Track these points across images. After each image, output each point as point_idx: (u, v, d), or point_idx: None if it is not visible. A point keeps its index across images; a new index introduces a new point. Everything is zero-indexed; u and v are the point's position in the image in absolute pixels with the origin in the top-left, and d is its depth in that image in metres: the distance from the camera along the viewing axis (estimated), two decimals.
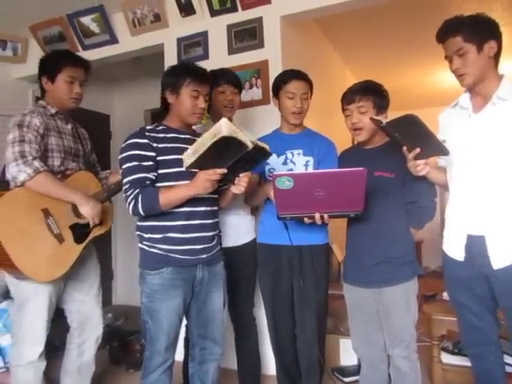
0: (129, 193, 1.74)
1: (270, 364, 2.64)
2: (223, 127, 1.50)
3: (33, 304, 1.99)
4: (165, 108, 1.91)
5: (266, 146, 1.70)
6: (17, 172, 1.87)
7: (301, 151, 2.14)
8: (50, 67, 2.10)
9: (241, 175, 1.75)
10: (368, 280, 1.90)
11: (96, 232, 2.12)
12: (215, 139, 1.50)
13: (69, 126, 2.20)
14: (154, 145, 1.78)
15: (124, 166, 1.78)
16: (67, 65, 2.10)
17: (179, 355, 2.15)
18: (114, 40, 3.36)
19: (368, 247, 1.91)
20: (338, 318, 2.86)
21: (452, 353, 2.48)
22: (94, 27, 3.34)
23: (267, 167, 2.18)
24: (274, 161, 2.15)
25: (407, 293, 1.88)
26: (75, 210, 2.03)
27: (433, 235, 4.68)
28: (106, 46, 3.42)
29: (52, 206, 1.97)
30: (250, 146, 1.60)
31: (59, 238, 1.97)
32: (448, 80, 5.51)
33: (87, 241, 2.08)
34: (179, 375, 2.33)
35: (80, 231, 2.04)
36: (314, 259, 2.10)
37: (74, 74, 2.12)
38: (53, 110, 2.10)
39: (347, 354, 2.68)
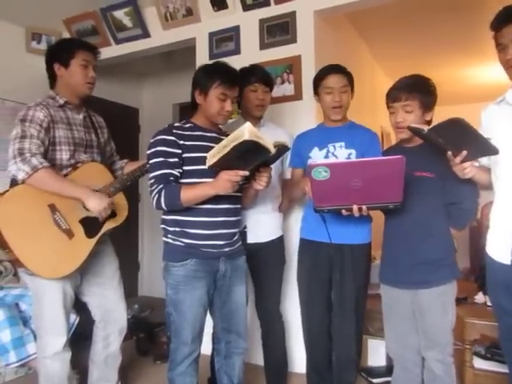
0: (153, 187, 1.78)
1: (297, 361, 2.63)
2: (245, 132, 1.51)
3: (49, 297, 2.00)
4: (194, 105, 1.93)
5: (286, 143, 1.72)
6: (16, 170, 1.85)
7: (343, 144, 2.11)
8: (62, 53, 2.06)
9: (261, 170, 1.76)
10: (405, 281, 1.86)
11: (110, 225, 2.09)
12: (236, 143, 1.52)
13: (80, 116, 2.15)
14: (181, 142, 1.80)
15: (151, 162, 1.82)
16: (80, 49, 2.08)
17: (207, 349, 2.17)
18: (146, 34, 3.38)
19: (406, 248, 1.86)
20: (366, 318, 2.82)
21: (484, 358, 2.42)
22: (127, 21, 3.36)
23: (309, 161, 2.15)
24: (315, 154, 2.14)
25: (444, 296, 1.83)
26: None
27: (464, 235, 4.60)
28: (138, 40, 3.44)
29: (59, 201, 1.94)
30: (273, 150, 1.62)
31: (69, 233, 1.95)
32: (480, 77, 5.41)
33: (100, 234, 2.05)
34: (206, 368, 2.33)
35: (91, 225, 2.00)
36: (354, 259, 2.07)
37: (87, 57, 2.09)
38: (61, 101, 2.06)
39: (375, 354, 2.65)
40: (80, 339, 2.40)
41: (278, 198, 2.39)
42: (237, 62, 1.97)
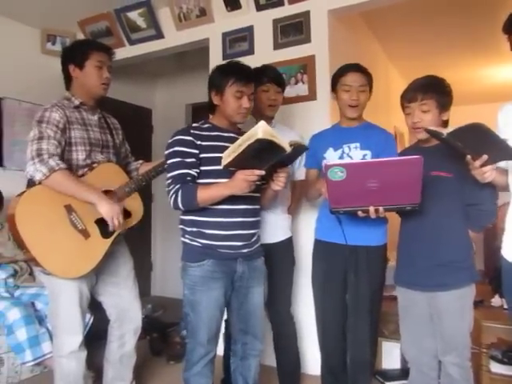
0: (170, 187, 1.79)
1: (310, 363, 2.62)
2: (259, 131, 1.50)
3: (65, 297, 2.01)
4: (211, 106, 1.93)
5: (303, 142, 1.71)
6: (33, 171, 1.87)
7: (358, 145, 2.09)
8: (77, 54, 2.07)
9: (279, 170, 1.75)
10: (422, 283, 1.83)
11: (125, 225, 2.09)
12: (250, 141, 1.51)
13: (95, 117, 2.17)
14: (198, 142, 1.80)
15: (168, 162, 1.83)
16: (94, 50, 2.09)
17: (219, 350, 2.16)
18: (159, 35, 3.39)
19: (423, 249, 1.83)
20: (381, 320, 2.80)
21: (501, 362, 2.37)
22: (141, 22, 3.37)
23: (324, 161, 2.13)
24: (330, 155, 2.12)
25: (463, 299, 1.80)
26: None
27: (478, 237, 4.53)
28: (151, 40, 3.45)
29: (75, 201, 1.95)
30: (289, 149, 1.60)
31: (84, 234, 1.96)
32: (496, 76, 5.35)
33: (115, 235, 2.04)
34: (219, 369, 2.33)
35: (107, 225, 1.99)
36: (370, 261, 2.05)
37: (102, 58, 2.10)
38: (77, 102, 2.07)
39: (390, 357, 2.62)
40: (94, 338, 2.42)
41: (287, 199, 2.38)
42: (250, 63, 1.96)
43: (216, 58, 3.11)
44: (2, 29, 3.48)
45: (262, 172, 1.65)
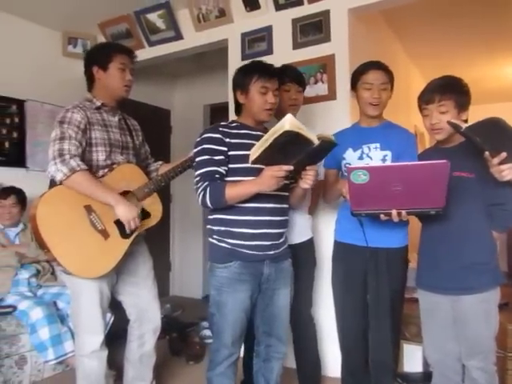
0: (199, 185, 1.79)
1: (330, 365, 2.60)
2: (286, 123, 1.48)
3: (86, 296, 2.03)
4: (237, 107, 1.95)
5: (332, 137, 1.66)
6: (55, 171, 1.89)
7: (378, 145, 2.05)
8: (101, 56, 2.10)
9: (307, 168, 1.73)
10: (445, 286, 1.80)
11: (144, 226, 2.10)
12: (277, 134, 1.50)
13: (116, 118, 2.19)
14: (227, 140, 1.80)
15: (197, 159, 1.83)
16: (118, 53, 2.11)
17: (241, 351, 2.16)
18: (179, 36, 3.40)
19: (446, 252, 1.80)
20: (403, 323, 2.76)
21: None
22: (160, 23, 3.39)
23: (343, 162, 2.12)
24: (349, 155, 2.10)
25: (487, 302, 1.76)
26: None
27: (500, 238, 4.44)
28: (170, 42, 3.46)
29: (95, 202, 1.96)
30: (316, 142, 1.57)
31: (104, 234, 1.97)
32: None
33: (134, 235, 2.06)
34: (239, 371, 2.32)
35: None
36: (390, 263, 2.02)
37: (125, 61, 2.13)
38: (98, 103, 2.10)
39: (411, 360, 2.58)
40: (115, 337, 2.44)
41: (308, 199, 2.36)
42: (269, 62, 1.96)
43: (235, 59, 3.11)
44: (24, 32, 3.54)
45: (290, 167, 1.63)
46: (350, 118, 2.63)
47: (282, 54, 2.93)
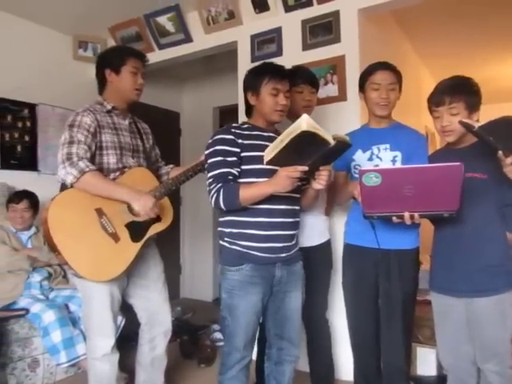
0: (212, 187, 1.77)
1: (343, 368, 2.57)
2: (303, 123, 1.47)
3: (97, 300, 2.03)
4: (248, 108, 1.94)
5: (347, 138, 1.65)
6: (64, 174, 1.89)
7: (388, 146, 2.04)
8: (114, 60, 2.11)
9: (321, 168, 1.71)
10: (459, 289, 1.77)
11: (155, 229, 2.10)
12: (294, 134, 1.49)
13: (126, 122, 2.19)
14: (239, 141, 1.80)
15: (209, 161, 1.82)
16: (130, 56, 2.12)
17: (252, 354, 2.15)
18: (188, 39, 3.41)
19: (460, 254, 1.77)
20: (415, 325, 2.73)
21: None
22: (170, 26, 3.40)
23: (352, 163, 2.11)
24: (359, 157, 2.08)
25: (502, 304, 1.73)
26: (131, 207, 2.01)
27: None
28: (180, 44, 3.47)
29: (106, 205, 1.96)
30: (332, 142, 1.56)
31: (114, 237, 1.97)
32: None
33: (145, 239, 2.05)
34: (252, 374, 2.31)
35: (137, 229, 2.01)
36: (402, 264, 2.00)
37: (137, 64, 2.13)
38: (109, 106, 2.10)
39: (425, 363, 2.55)
40: (125, 340, 2.44)
41: (324, 201, 2.34)
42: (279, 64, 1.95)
43: (244, 61, 3.10)
44: (35, 36, 3.57)
45: (305, 168, 1.62)
46: (360, 119, 2.61)
47: (292, 55, 2.93)
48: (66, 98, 3.59)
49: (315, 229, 2.25)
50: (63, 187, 1.98)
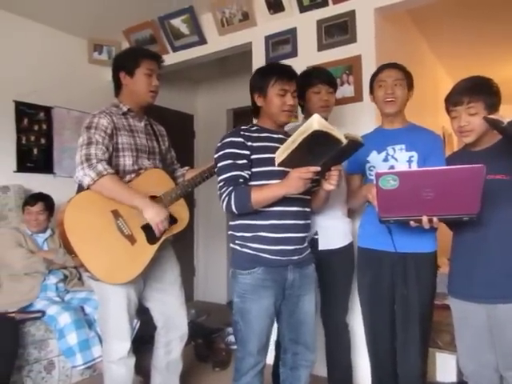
0: (223, 190, 1.75)
1: (361, 374, 2.53)
2: (314, 123, 1.44)
3: (114, 302, 2.02)
4: (255, 110, 1.91)
5: (359, 137, 1.61)
6: (82, 176, 1.89)
7: (403, 146, 2.00)
8: (128, 62, 2.10)
9: (332, 169, 1.68)
10: (480, 295, 1.72)
11: (171, 231, 2.08)
12: (306, 134, 1.46)
13: (142, 124, 2.18)
14: (249, 143, 1.77)
15: (219, 164, 1.79)
16: (145, 58, 2.10)
17: (269, 358, 2.11)
18: (202, 41, 3.40)
19: (481, 258, 1.72)
20: (435, 331, 2.67)
21: None
22: (184, 28, 3.40)
23: (367, 165, 2.07)
24: (374, 158, 2.04)
25: None
26: None
27: None
28: (194, 46, 3.47)
29: (122, 207, 1.95)
30: (344, 141, 1.53)
31: (131, 239, 1.95)
32: None
33: (161, 241, 2.03)
34: (269, 378, 2.28)
35: (153, 231, 1.99)
36: (419, 269, 1.95)
37: (152, 66, 2.12)
38: (125, 108, 2.10)
39: (444, 369, 2.50)
40: (141, 343, 2.43)
41: (346, 203, 2.30)
42: (294, 65, 1.92)
43: (259, 62, 3.07)
44: (51, 40, 3.61)
45: (318, 168, 1.59)
46: (376, 119, 2.56)
47: (307, 56, 2.90)
48: (82, 101, 3.61)
49: (337, 231, 2.21)
50: (80, 189, 1.98)
